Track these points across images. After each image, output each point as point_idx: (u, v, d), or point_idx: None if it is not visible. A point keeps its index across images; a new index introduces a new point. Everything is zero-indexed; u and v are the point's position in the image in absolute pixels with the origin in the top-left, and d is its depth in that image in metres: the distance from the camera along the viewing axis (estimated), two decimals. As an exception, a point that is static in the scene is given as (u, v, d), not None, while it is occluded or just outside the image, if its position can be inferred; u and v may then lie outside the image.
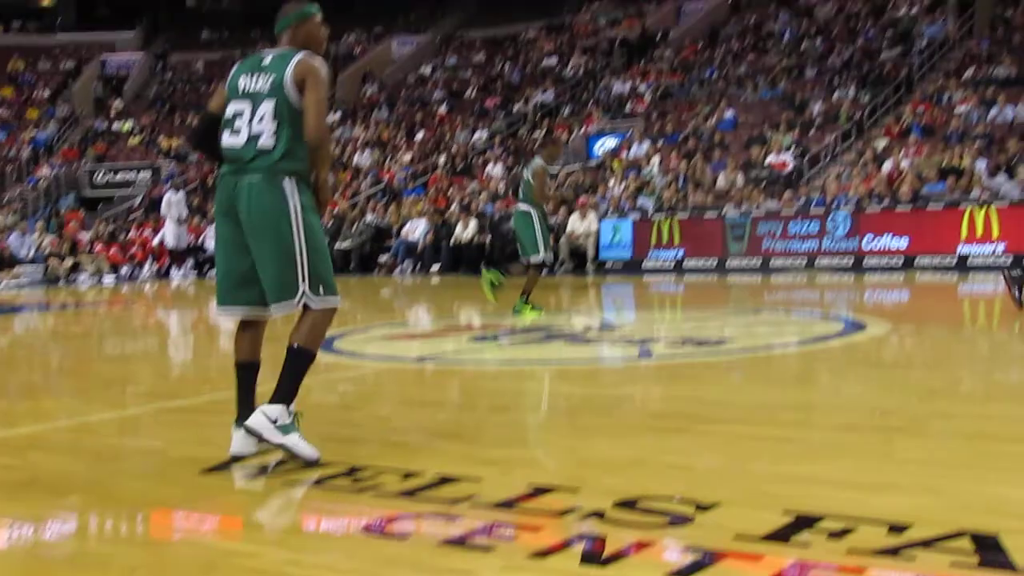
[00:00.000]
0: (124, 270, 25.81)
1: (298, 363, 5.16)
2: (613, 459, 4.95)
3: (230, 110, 5.08)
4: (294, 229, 4.93)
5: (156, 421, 6.52)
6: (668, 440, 5.37)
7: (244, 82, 5.07)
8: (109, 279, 25.02)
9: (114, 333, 13.26)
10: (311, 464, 4.87)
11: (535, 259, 11.64)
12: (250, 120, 5.00)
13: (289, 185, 4.95)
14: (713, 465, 4.75)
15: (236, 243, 5.10)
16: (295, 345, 5.13)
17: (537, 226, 11.59)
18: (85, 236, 26.62)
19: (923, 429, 5.44)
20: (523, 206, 11.79)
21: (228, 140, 5.05)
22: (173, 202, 25.66)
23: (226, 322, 15.01)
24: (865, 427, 5.54)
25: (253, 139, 4.97)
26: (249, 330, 5.32)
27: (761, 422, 5.77)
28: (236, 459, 5.04)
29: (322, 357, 9.38)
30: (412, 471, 4.73)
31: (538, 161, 11.75)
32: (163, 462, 5.22)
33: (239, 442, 5.05)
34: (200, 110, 39.07)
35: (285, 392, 5.04)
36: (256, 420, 4.92)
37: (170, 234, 25.58)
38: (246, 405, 5.17)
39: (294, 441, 4.89)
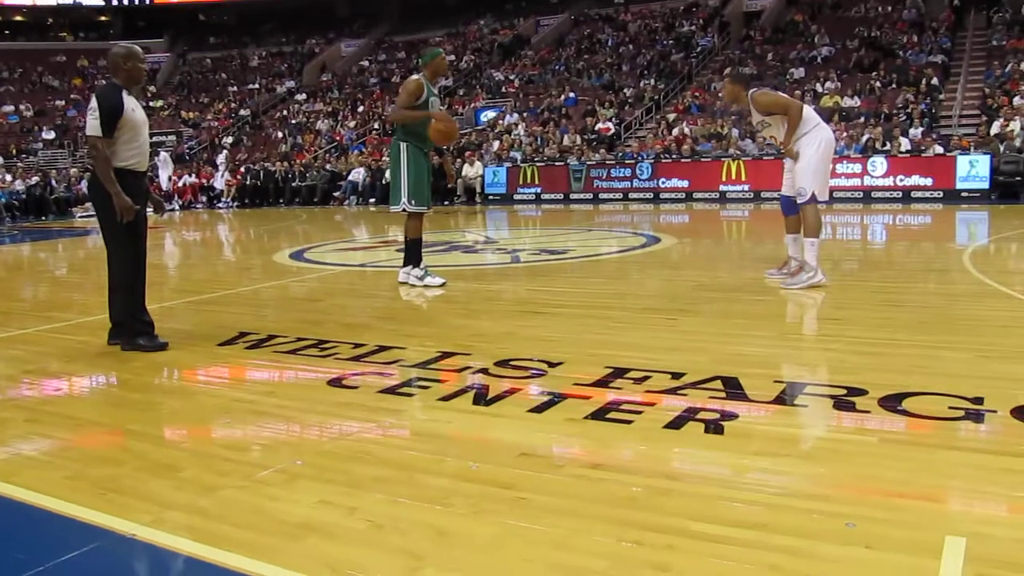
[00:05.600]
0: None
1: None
2: (493, 332, 5.00)
3: None
4: None
5: (185, 309, 6.40)
6: (530, 319, 5.42)
7: None
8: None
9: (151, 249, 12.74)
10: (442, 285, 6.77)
11: None
12: None
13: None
14: (559, 336, 4.82)
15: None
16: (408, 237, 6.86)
17: None
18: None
19: (696, 310, 5.55)
20: None
21: None
22: (160, 161, 24.91)
23: (229, 240, 14.72)
24: (659, 309, 5.65)
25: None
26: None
27: (591, 306, 5.86)
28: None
29: (294, 263, 9.30)
30: (359, 343, 4.74)
31: None
32: (190, 338, 5.14)
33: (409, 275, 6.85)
34: (208, 93, 37.99)
35: (415, 259, 6.86)
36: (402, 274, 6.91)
37: (163, 181, 24.87)
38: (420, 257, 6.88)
39: (427, 280, 6.80)
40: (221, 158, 27.32)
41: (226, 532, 2.39)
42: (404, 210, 6.66)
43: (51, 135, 34.94)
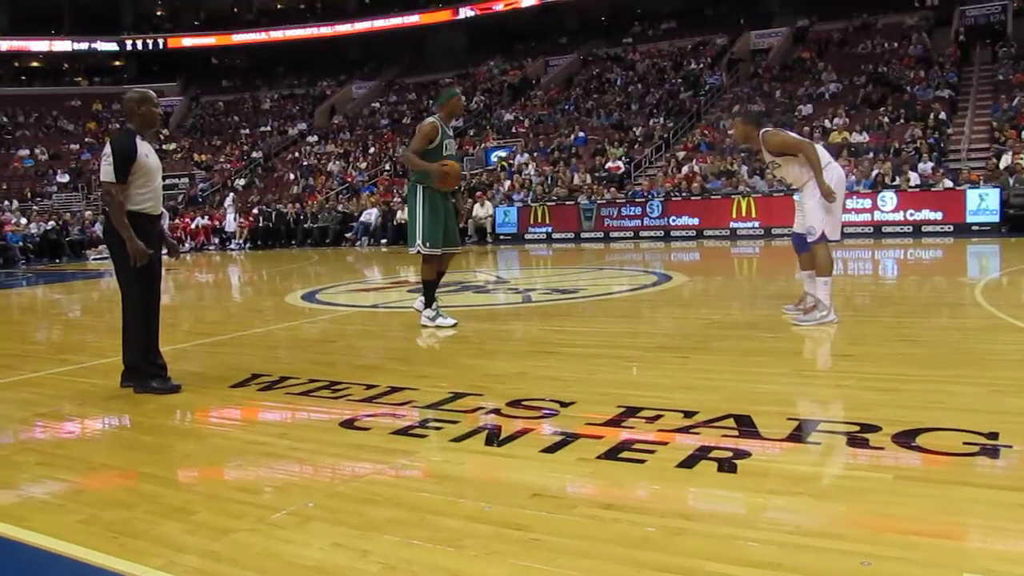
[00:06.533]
0: None
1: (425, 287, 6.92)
2: (506, 373, 4.99)
3: None
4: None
5: (197, 351, 6.44)
6: (542, 359, 5.41)
7: None
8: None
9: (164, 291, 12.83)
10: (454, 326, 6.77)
11: None
12: None
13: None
14: (571, 376, 4.81)
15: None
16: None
17: None
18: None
19: (708, 348, 5.54)
20: None
21: None
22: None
23: (241, 281, 14.81)
24: (671, 347, 5.64)
25: None
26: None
27: (604, 346, 5.85)
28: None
29: (306, 304, 9.33)
30: (371, 384, 4.75)
31: None
32: (203, 380, 5.16)
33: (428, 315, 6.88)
34: (221, 136, 38.44)
35: (427, 300, 6.90)
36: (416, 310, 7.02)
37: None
38: (434, 298, 6.91)
39: (439, 321, 6.82)
40: (228, 200, 27.61)
41: None
42: (419, 251, 6.71)
43: (65, 178, 35.46)
